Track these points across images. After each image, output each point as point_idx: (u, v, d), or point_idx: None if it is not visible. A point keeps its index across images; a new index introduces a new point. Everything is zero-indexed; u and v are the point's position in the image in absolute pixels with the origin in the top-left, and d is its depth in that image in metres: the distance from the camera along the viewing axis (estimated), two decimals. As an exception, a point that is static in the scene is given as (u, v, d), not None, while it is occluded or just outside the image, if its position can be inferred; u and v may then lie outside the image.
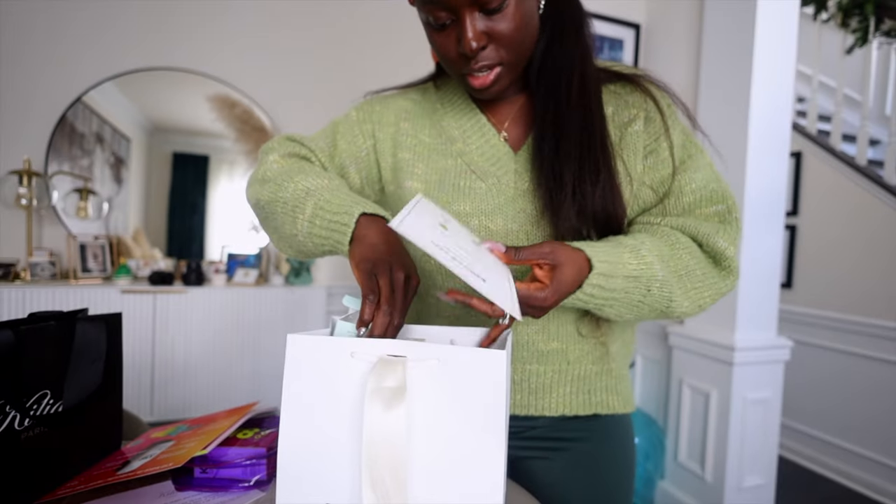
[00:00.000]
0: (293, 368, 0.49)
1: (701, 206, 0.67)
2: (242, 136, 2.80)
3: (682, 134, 0.70)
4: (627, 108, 0.69)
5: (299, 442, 0.48)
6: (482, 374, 0.45)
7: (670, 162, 0.68)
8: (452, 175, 0.72)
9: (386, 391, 0.45)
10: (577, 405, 0.72)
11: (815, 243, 2.64)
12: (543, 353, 0.71)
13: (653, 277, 0.59)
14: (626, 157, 0.68)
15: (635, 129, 0.68)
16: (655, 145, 0.68)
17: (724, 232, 0.65)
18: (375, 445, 0.44)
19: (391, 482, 0.44)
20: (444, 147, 0.74)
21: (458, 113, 0.75)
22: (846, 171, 2.51)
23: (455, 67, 0.64)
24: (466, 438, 0.45)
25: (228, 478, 0.62)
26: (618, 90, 0.70)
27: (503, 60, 0.62)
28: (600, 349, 0.73)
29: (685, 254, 0.63)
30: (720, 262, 0.66)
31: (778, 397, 1.83)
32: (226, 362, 2.53)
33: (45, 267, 2.36)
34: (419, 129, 0.76)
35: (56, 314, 0.65)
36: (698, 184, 0.68)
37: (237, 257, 2.77)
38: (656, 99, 0.69)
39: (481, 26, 0.59)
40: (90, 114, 2.57)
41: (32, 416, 0.58)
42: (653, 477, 1.92)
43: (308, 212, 0.61)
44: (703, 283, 0.64)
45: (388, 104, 0.79)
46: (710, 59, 1.89)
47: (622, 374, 0.77)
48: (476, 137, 0.73)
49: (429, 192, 0.73)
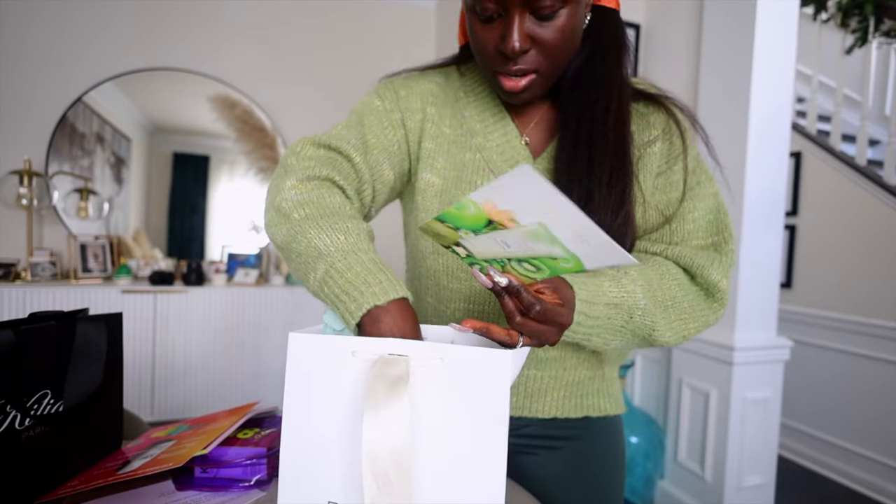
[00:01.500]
0: (295, 367, 0.49)
1: (699, 235, 0.67)
2: (243, 136, 2.80)
3: (695, 160, 0.69)
4: (649, 129, 0.68)
5: (301, 441, 0.48)
6: (486, 374, 0.45)
7: (681, 186, 0.67)
8: (470, 171, 0.70)
9: (386, 386, 0.44)
10: (568, 408, 0.73)
11: (815, 243, 2.64)
12: (543, 360, 0.71)
13: (634, 305, 0.59)
14: (643, 177, 0.67)
15: (654, 150, 0.68)
16: (668, 167, 0.68)
17: (718, 264, 0.65)
18: (376, 441, 0.44)
19: (393, 478, 0.44)
20: (463, 139, 0.71)
21: (482, 105, 0.72)
22: (846, 171, 2.51)
23: (490, 63, 0.61)
24: (468, 438, 0.45)
25: (229, 477, 0.62)
26: (640, 109, 0.69)
27: (540, 69, 0.60)
28: (596, 356, 0.73)
29: (674, 284, 0.63)
30: (713, 294, 0.65)
31: (777, 397, 1.83)
32: (226, 362, 2.53)
33: (45, 267, 2.36)
34: (442, 118, 0.73)
35: (56, 314, 0.65)
36: (701, 212, 0.67)
37: (237, 257, 2.77)
38: (678, 121, 0.68)
39: (529, 29, 0.57)
40: (91, 114, 2.57)
41: (33, 415, 0.58)
42: (652, 476, 1.92)
43: (319, 274, 0.53)
44: (690, 315, 0.64)
45: (411, 88, 0.74)
46: (710, 60, 1.89)
47: (613, 376, 0.78)
48: (498, 135, 0.71)
49: (446, 188, 0.70)
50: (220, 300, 2.51)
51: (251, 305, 2.56)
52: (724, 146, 1.81)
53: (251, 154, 2.81)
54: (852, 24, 2.82)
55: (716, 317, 0.66)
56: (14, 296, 2.19)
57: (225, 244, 2.84)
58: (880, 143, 3.55)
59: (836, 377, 2.48)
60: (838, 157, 2.56)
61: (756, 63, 1.72)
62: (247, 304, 2.56)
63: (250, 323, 2.57)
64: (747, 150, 1.73)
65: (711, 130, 2.07)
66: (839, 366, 2.47)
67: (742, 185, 1.74)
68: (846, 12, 2.80)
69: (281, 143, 2.86)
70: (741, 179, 1.75)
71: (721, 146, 1.83)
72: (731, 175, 1.77)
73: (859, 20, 2.79)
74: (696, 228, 0.67)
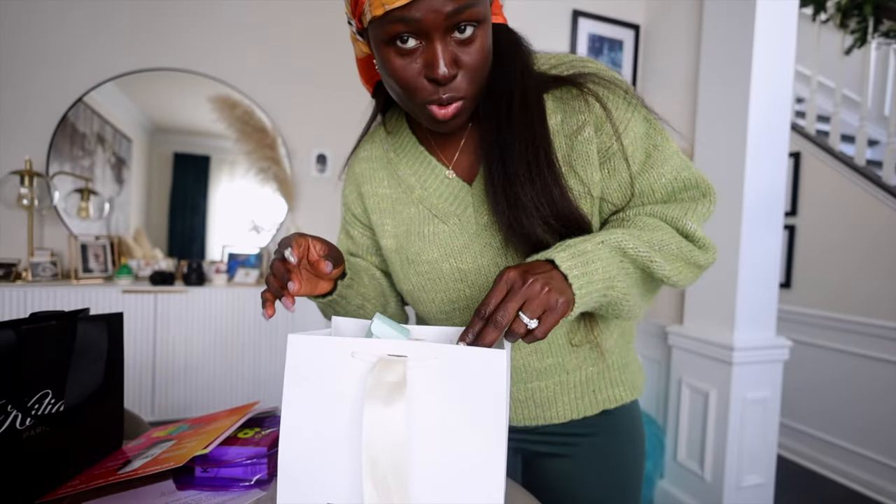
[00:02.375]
0: (294, 369, 0.49)
1: (675, 197, 0.65)
2: (243, 137, 2.80)
3: (645, 122, 0.65)
4: (575, 115, 0.63)
5: (300, 443, 0.49)
6: (483, 373, 0.45)
7: (626, 164, 0.64)
8: (417, 223, 0.71)
9: (385, 387, 0.45)
10: (583, 408, 0.74)
11: (814, 243, 2.64)
12: (541, 370, 0.72)
13: (620, 241, 0.57)
14: (580, 168, 0.63)
15: (585, 136, 0.63)
16: (612, 150, 0.64)
17: (692, 212, 0.62)
18: (376, 442, 0.44)
19: (392, 479, 0.44)
20: (405, 196, 0.73)
21: (410, 158, 0.73)
22: (845, 172, 2.51)
23: (418, 96, 0.57)
24: (467, 438, 0.45)
25: (229, 477, 0.63)
26: (562, 95, 0.65)
27: (467, 95, 0.58)
28: (596, 352, 0.73)
29: (657, 231, 0.61)
30: (693, 241, 0.63)
31: (777, 397, 1.84)
32: (226, 362, 2.54)
33: (46, 267, 2.36)
34: (377, 185, 0.76)
35: (57, 314, 0.65)
36: (668, 177, 0.64)
37: (238, 257, 2.77)
38: (602, 100, 0.63)
39: (452, 54, 0.55)
40: (91, 114, 2.57)
41: (34, 415, 0.58)
42: (652, 476, 1.92)
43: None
44: (680, 256, 0.61)
45: (349, 179, 0.80)
46: (710, 60, 1.89)
47: (624, 362, 0.77)
48: (431, 180, 0.71)
49: (400, 247, 0.73)
50: (220, 300, 2.52)
51: (252, 305, 2.57)
52: (724, 146, 1.81)
53: (251, 154, 2.81)
54: (851, 24, 2.82)
55: (706, 257, 0.64)
56: (15, 296, 2.19)
57: (225, 244, 2.85)
58: (879, 143, 3.55)
59: (834, 377, 2.48)
60: (837, 157, 2.56)
61: (755, 63, 1.72)
62: (247, 304, 2.56)
63: (251, 323, 2.57)
64: (747, 150, 1.73)
65: (710, 131, 2.07)
66: (838, 365, 2.47)
67: (741, 185, 1.75)
68: (845, 13, 2.80)
69: (281, 143, 2.86)
70: (740, 179, 1.75)
71: (720, 146, 1.83)
72: (730, 175, 1.78)
73: (858, 21, 2.79)
74: (670, 192, 0.64)
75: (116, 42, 2.60)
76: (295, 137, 2.92)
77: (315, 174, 2.96)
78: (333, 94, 2.96)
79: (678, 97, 2.07)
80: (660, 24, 2.19)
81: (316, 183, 2.97)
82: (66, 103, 2.52)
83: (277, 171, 2.84)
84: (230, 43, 2.78)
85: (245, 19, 2.80)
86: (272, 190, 2.86)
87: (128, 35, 2.61)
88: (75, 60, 2.53)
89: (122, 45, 2.60)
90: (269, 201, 2.89)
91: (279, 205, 2.90)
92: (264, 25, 2.83)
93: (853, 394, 2.40)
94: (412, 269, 0.72)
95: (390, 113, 0.77)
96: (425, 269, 0.71)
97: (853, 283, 2.44)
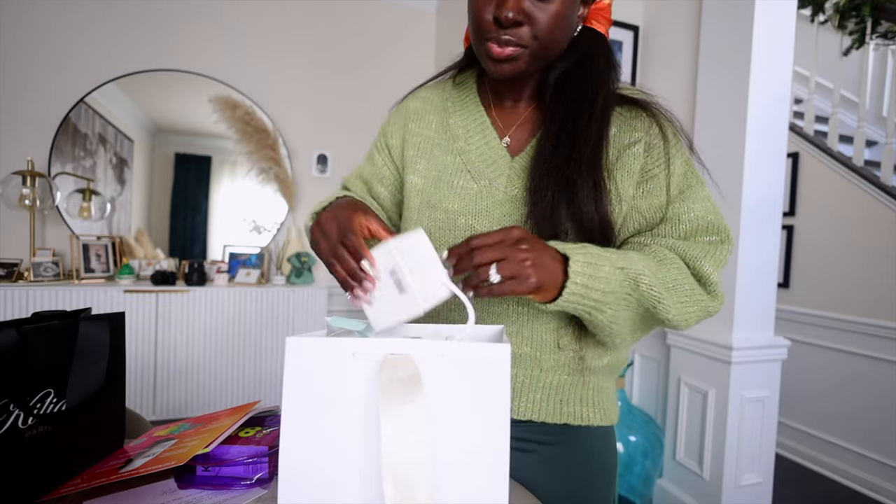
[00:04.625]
0: (293, 372, 0.48)
1: (696, 236, 0.68)
2: (244, 137, 2.80)
3: (685, 164, 0.70)
4: (631, 132, 0.69)
5: (301, 446, 0.48)
6: (487, 369, 0.45)
7: (665, 191, 0.68)
8: (449, 172, 0.75)
9: (400, 383, 0.44)
10: (546, 412, 0.71)
11: (812, 243, 2.64)
12: (515, 356, 0.70)
13: (640, 273, 0.60)
14: (619, 177, 0.68)
15: (635, 151, 0.68)
16: (654, 172, 0.68)
17: (711, 257, 0.66)
18: (395, 441, 0.43)
19: (416, 478, 0.43)
20: (446, 143, 0.77)
21: (466, 113, 0.77)
22: (843, 172, 2.51)
23: (482, 28, 0.64)
24: (472, 434, 0.45)
25: (230, 476, 0.63)
26: (624, 113, 0.70)
27: (529, 46, 0.63)
28: (577, 361, 0.71)
29: (673, 269, 0.64)
30: (705, 286, 0.66)
31: (775, 396, 1.84)
32: (228, 361, 2.54)
33: (48, 267, 2.37)
34: (425, 126, 0.79)
35: (59, 314, 0.65)
36: (696, 213, 0.68)
37: (239, 257, 2.78)
38: (662, 126, 0.69)
39: (524, 4, 0.61)
40: (93, 115, 2.58)
41: (36, 414, 0.58)
42: (651, 475, 1.93)
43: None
44: (691, 298, 0.64)
45: (400, 111, 0.84)
46: (708, 61, 1.90)
47: (602, 386, 0.75)
48: (478, 139, 0.74)
49: (426, 187, 0.76)
50: (221, 300, 2.52)
51: (253, 305, 2.57)
52: (722, 147, 1.82)
53: (252, 155, 2.82)
54: (849, 25, 2.82)
55: (713, 305, 0.67)
56: (17, 296, 2.20)
57: (226, 244, 2.85)
58: (877, 143, 3.55)
59: (832, 376, 2.49)
60: (836, 157, 2.56)
61: (754, 64, 1.73)
62: (248, 304, 2.57)
63: (252, 322, 2.58)
64: (745, 150, 1.74)
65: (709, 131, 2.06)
66: (836, 365, 2.47)
67: (740, 185, 1.75)
68: (843, 14, 2.80)
69: (282, 143, 2.87)
70: (739, 180, 1.75)
71: (719, 147, 1.83)
72: (729, 176, 1.78)
73: (856, 22, 2.79)
74: (694, 229, 0.68)
75: (118, 43, 2.60)
76: (296, 138, 2.93)
77: (316, 174, 2.97)
78: (334, 95, 2.97)
79: (677, 98, 2.07)
80: (659, 26, 2.19)
81: (316, 183, 2.98)
82: (67, 104, 2.52)
83: (278, 171, 2.84)
84: (231, 44, 2.79)
85: (246, 20, 2.81)
86: (273, 190, 2.87)
87: (130, 36, 2.62)
88: (77, 61, 2.54)
89: (123, 45, 2.61)
90: (270, 201, 2.89)
91: (280, 205, 2.91)
92: (265, 26, 2.84)
93: (851, 393, 2.40)
94: (429, 213, 0.75)
95: (464, 74, 0.82)
96: (441, 217, 0.74)
97: (852, 282, 2.45)
